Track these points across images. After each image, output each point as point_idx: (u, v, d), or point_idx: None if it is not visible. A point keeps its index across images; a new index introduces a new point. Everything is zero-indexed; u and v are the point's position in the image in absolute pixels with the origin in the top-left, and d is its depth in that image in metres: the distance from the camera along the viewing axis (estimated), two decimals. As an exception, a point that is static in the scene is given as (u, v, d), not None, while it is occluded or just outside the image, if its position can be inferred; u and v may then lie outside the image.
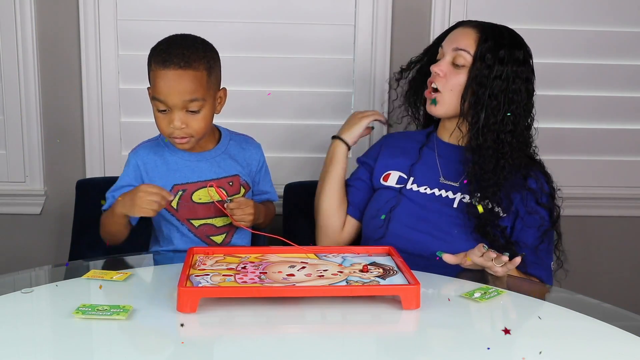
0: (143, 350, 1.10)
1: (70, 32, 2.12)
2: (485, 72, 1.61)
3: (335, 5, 2.16)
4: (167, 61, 1.49)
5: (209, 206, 1.61)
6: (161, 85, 1.50)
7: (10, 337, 1.11)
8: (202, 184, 1.60)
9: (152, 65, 1.53)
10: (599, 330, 1.19)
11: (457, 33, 1.69)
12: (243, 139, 1.72)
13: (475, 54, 1.63)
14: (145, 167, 1.60)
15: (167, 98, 1.50)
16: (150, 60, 1.54)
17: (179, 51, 1.50)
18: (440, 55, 1.69)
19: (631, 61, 2.28)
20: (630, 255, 2.44)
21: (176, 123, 1.51)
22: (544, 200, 1.65)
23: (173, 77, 1.49)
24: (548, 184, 1.68)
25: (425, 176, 1.71)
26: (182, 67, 1.49)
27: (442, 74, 1.66)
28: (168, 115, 1.52)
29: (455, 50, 1.65)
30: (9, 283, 1.36)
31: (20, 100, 2.13)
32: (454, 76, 1.65)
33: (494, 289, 1.33)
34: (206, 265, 1.35)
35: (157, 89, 1.51)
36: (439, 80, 1.66)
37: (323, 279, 1.28)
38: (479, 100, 1.61)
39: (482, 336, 1.18)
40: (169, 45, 1.53)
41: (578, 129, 2.30)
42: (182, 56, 1.50)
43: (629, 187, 2.36)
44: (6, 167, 2.18)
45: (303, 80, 2.19)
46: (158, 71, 1.50)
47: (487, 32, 1.65)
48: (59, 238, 2.21)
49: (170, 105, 1.51)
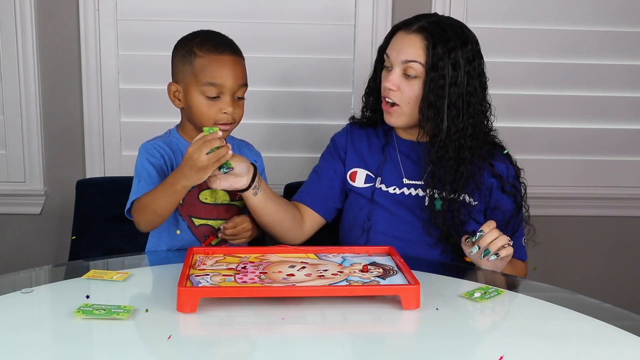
0: (143, 350, 1.10)
1: (70, 32, 2.12)
2: (441, 82, 1.54)
3: (335, 5, 2.17)
4: (219, 47, 1.54)
5: (212, 208, 1.62)
6: (218, 69, 1.53)
7: (10, 337, 1.10)
8: None
9: (197, 53, 1.54)
10: (599, 331, 1.19)
11: (402, 42, 1.58)
12: (245, 145, 1.73)
13: (426, 63, 1.54)
14: (164, 155, 1.59)
15: (226, 82, 1.53)
16: (192, 50, 1.54)
17: (225, 40, 1.58)
18: (388, 63, 1.60)
19: (628, 61, 2.28)
20: (629, 255, 2.44)
21: (229, 108, 1.54)
22: (508, 188, 1.64)
23: (229, 61, 1.54)
24: (513, 165, 1.66)
25: (392, 175, 1.68)
26: (235, 53, 1.56)
27: (395, 87, 1.58)
28: (217, 103, 1.54)
29: (404, 62, 1.56)
30: (9, 283, 1.36)
31: (20, 100, 2.13)
32: (408, 88, 1.57)
33: (494, 289, 1.34)
34: (206, 265, 1.35)
35: (213, 73, 1.53)
36: (393, 94, 1.58)
37: (323, 279, 1.28)
38: (438, 112, 1.55)
39: (482, 336, 1.18)
40: (211, 36, 1.57)
41: (571, 129, 2.31)
42: (231, 44, 1.58)
43: (625, 187, 2.36)
44: (6, 167, 2.18)
45: (303, 80, 2.19)
46: (212, 57, 1.53)
47: (433, 37, 1.55)
48: (59, 238, 2.21)
49: (225, 90, 1.53)
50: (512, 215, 1.63)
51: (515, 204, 1.64)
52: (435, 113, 1.55)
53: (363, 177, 1.70)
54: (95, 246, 1.96)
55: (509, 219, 1.62)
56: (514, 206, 1.64)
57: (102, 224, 1.98)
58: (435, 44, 1.54)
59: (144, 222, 1.54)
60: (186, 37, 1.59)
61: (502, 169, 1.64)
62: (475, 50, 1.59)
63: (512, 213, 1.64)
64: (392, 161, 1.69)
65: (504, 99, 2.26)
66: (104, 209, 1.99)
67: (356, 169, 1.71)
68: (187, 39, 1.58)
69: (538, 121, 2.30)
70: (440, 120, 1.55)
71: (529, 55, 2.25)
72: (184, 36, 1.60)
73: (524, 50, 2.25)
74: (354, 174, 1.71)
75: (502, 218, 1.61)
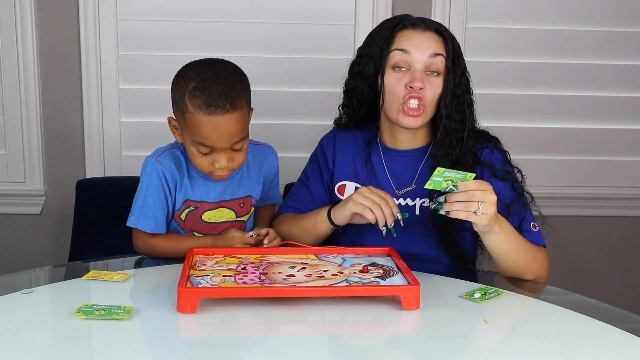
0: (143, 350, 1.10)
1: (70, 33, 2.12)
2: (459, 73, 1.53)
3: (335, 5, 2.17)
4: (211, 106, 1.39)
5: (215, 226, 1.60)
6: (208, 131, 1.41)
7: (10, 337, 1.11)
8: (215, 205, 1.57)
9: (188, 107, 1.41)
10: (598, 331, 1.19)
11: (420, 38, 1.52)
12: (260, 149, 1.67)
13: (447, 56, 1.52)
14: (167, 177, 1.54)
15: (215, 143, 1.43)
16: (184, 100, 1.42)
17: (219, 90, 1.40)
18: (403, 63, 1.52)
19: (628, 61, 2.28)
20: (629, 255, 2.44)
21: (223, 163, 1.46)
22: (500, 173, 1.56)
23: (220, 123, 1.41)
24: (498, 150, 1.60)
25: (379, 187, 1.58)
26: (228, 111, 1.41)
27: (424, 86, 1.51)
28: (210, 156, 1.46)
29: (432, 56, 1.50)
30: (9, 283, 1.36)
31: (20, 100, 2.14)
32: (433, 86, 1.52)
33: (494, 289, 1.34)
34: (206, 266, 1.35)
35: (202, 135, 1.42)
36: (424, 93, 1.51)
37: (323, 280, 1.28)
38: (460, 104, 1.53)
39: (482, 337, 1.18)
40: (207, 85, 1.41)
41: (571, 129, 2.31)
42: (226, 97, 1.41)
43: (625, 187, 2.36)
44: (6, 167, 2.18)
45: (303, 80, 2.19)
46: (201, 117, 1.40)
47: (442, 31, 1.54)
48: (59, 238, 2.21)
49: (217, 149, 1.44)
50: (513, 201, 1.54)
51: (512, 188, 1.56)
52: (459, 105, 1.53)
53: (352, 190, 1.64)
54: (95, 246, 1.97)
55: (509, 205, 1.53)
56: (512, 191, 1.55)
57: (102, 224, 1.99)
58: (451, 39, 1.54)
59: (147, 253, 1.57)
60: (183, 74, 1.46)
61: (488, 156, 1.58)
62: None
63: (511, 198, 1.54)
64: (377, 173, 1.63)
65: (503, 99, 2.27)
66: (104, 209, 1.99)
67: (345, 182, 1.66)
68: (183, 80, 1.44)
69: (538, 121, 2.30)
70: (460, 112, 1.53)
71: (528, 55, 2.25)
72: (182, 70, 1.47)
73: (523, 50, 2.25)
74: (343, 187, 1.66)
75: (502, 206, 1.52)
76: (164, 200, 1.54)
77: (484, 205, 1.32)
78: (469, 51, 2.21)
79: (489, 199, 1.33)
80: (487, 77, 2.24)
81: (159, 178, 1.53)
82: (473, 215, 1.33)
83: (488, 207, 1.33)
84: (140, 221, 1.53)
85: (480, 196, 1.32)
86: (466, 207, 1.33)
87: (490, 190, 1.34)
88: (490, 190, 1.34)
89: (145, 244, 1.56)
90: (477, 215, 1.32)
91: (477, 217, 1.33)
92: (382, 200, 1.45)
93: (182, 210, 1.57)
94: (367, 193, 1.47)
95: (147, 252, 1.57)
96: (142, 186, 1.54)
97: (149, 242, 1.55)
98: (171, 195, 1.55)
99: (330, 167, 1.69)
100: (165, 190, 1.54)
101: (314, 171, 1.73)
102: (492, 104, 2.24)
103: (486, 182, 1.36)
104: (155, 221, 1.54)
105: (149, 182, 1.53)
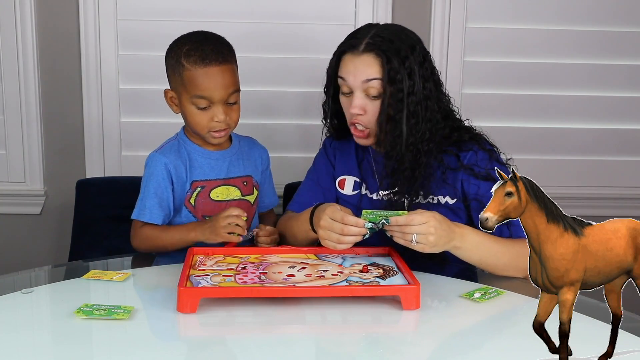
0: (143, 350, 1.10)
1: (70, 32, 2.12)
2: (399, 95, 1.48)
3: (335, 5, 2.17)
4: (205, 59, 1.52)
5: (224, 205, 1.62)
6: (205, 83, 1.53)
7: (10, 337, 1.11)
8: (221, 182, 1.63)
9: (185, 66, 1.53)
10: (598, 331, 1.19)
11: (355, 63, 1.51)
12: (248, 139, 1.75)
13: (383, 79, 1.48)
14: (172, 166, 1.60)
15: (213, 94, 1.53)
16: (180, 62, 1.54)
17: (211, 47, 1.54)
18: (346, 88, 1.53)
19: (628, 61, 2.28)
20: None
21: (221, 116, 1.54)
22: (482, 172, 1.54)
23: (215, 73, 1.53)
24: (482, 149, 1.57)
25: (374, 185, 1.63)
26: (221, 62, 1.53)
27: (362, 111, 1.51)
28: (209, 111, 1.55)
29: (365, 82, 1.49)
30: (9, 283, 1.36)
31: (20, 100, 2.13)
32: (374, 108, 1.51)
33: (494, 289, 1.34)
34: (206, 266, 1.35)
35: (200, 86, 1.53)
36: (361, 119, 1.52)
37: (323, 280, 1.28)
38: (397, 125, 1.49)
39: (482, 337, 1.18)
40: (199, 44, 1.54)
41: (571, 129, 2.31)
42: (217, 52, 1.54)
43: (625, 187, 2.36)
44: (6, 167, 2.18)
45: (303, 80, 2.18)
46: (198, 70, 1.52)
47: (384, 51, 1.49)
48: (59, 238, 2.21)
49: (215, 101, 1.54)
50: None
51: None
52: (394, 126, 1.50)
53: (351, 185, 1.67)
54: (95, 246, 1.97)
55: None
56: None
57: (102, 224, 1.99)
58: (389, 58, 1.48)
59: (142, 248, 1.59)
60: (176, 43, 1.58)
61: (471, 158, 1.56)
62: (422, 49, 1.54)
63: None
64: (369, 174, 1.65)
65: (503, 99, 2.27)
66: (104, 209, 1.99)
67: (345, 176, 1.69)
68: (176, 47, 1.57)
69: (537, 121, 2.30)
70: (399, 133, 1.50)
71: (528, 55, 2.25)
72: (175, 41, 1.59)
73: (523, 50, 2.25)
74: (343, 181, 1.69)
75: None
76: (163, 191, 1.58)
77: (419, 237, 1.34)
78: (469, 51, 2.22)
79: (424, 230, 1.34)
80: (487, 77, 2.23)
81: (160, 169, 1.59)
82: (410, 244, 1.35)
83: (424, 238, 1.34)
84: (136, 212, 1.60)
85: (415, 230, 1.34)
86: (403, 237, 1.35)
87: (429, 223, 1.34)
88: (429, 222, 1.34)
89: (135, 232, 1.60)
90: (414, 244, 1.35)
91: (415, 245, 1.35)
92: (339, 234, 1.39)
93: (191, 193, 1.61)
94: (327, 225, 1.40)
95: (138, 243, 1.60)
96: (143, 180, 1.61)
97: (139, 231, 1.59)
98: (175, 184, 1.59)
99: (332, 161, 1.72)
100: (167, 180, 1.59)
101: (322, 164, 1.74)
102: (492, 104, 2.24)
103: (428, 212, 1.36)
104: (150, 211, 1.58)
105: (149, 174, 1.60)
